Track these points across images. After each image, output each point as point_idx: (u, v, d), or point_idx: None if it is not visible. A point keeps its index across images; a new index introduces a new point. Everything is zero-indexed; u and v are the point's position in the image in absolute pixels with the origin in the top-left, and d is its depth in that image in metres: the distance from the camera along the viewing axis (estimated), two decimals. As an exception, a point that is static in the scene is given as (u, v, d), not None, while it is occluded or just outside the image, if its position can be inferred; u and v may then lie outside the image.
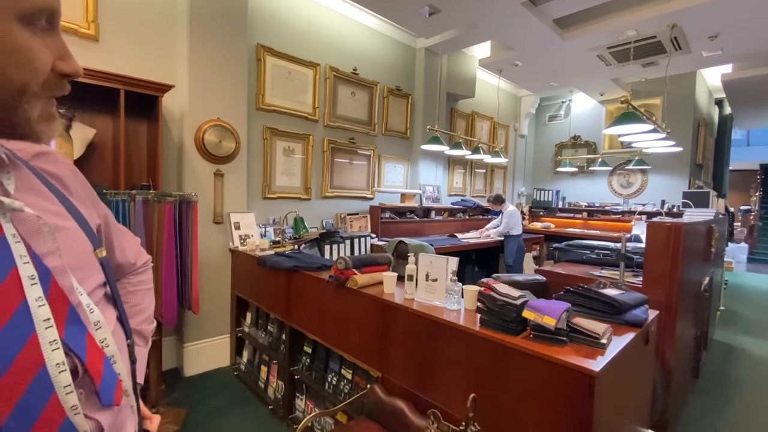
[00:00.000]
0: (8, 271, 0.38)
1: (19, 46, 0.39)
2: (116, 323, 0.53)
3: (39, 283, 0.40)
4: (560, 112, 6.76)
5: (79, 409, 0.40)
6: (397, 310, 1.52)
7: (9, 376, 0.36)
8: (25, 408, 0.36)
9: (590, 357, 1.04)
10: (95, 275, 0.51)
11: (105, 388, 0.45)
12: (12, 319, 0.37)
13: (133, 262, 0.71)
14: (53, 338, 0.40)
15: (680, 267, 2.07)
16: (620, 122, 2.69)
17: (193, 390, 2.54)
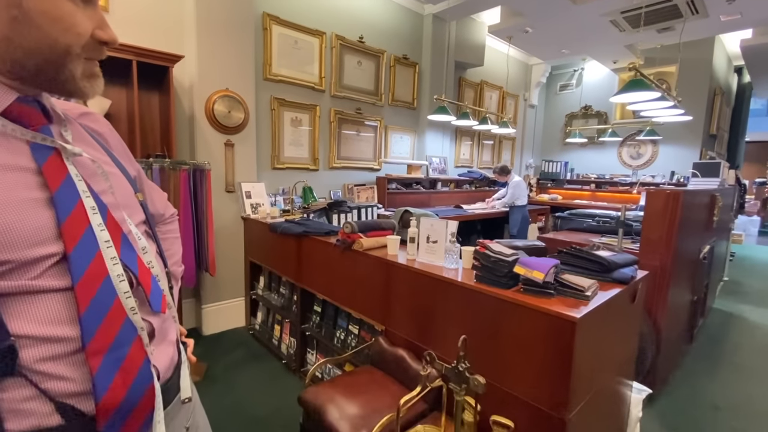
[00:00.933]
0: (75, 202, 0.48)
1: (64, 14, 0.46)
2: (156, 255, 0.63)
3: (99, 213, 0.50)
4: (572, 81, 6.61)
5: (136, 310, 0.51)
6: (400, 269, 1.63)
7: (84, 279, 0.46)
8: (97, 304, 0.47)
9: (574, 307, 1.13)
10: (138, 213, 0.61)
11: (154, 298, 0.56)
12: (82, 239, 0.47)
13: (162, 212, 0.82)
14: (113, 255, 0.50)
15: (677, 233, 2.13)
16: (628, 90, 2.67)
17: (211, 347, 2.74)
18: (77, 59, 0.49)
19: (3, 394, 0.42)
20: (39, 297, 0.44)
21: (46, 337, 0.44)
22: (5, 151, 0.45)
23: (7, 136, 0.46)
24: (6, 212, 0.42)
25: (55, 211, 0.46)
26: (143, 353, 0.51)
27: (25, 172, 0.46)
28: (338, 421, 1.27)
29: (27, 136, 0.47)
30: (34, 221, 0.44)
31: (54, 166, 0.48)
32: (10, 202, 0.43)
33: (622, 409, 1.66)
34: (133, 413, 0.49)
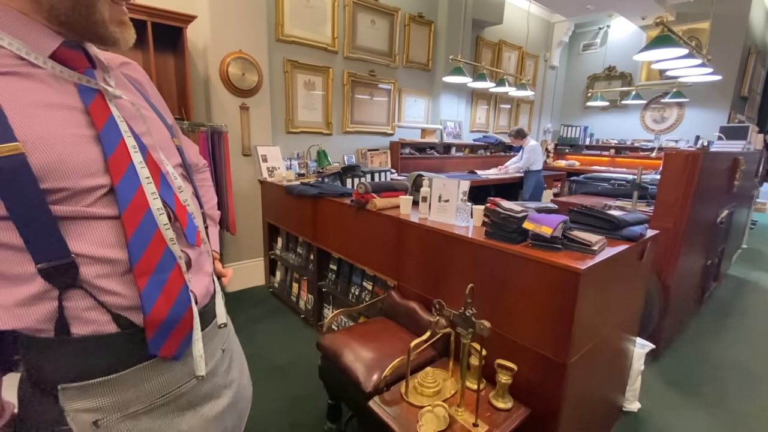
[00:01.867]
0: (119, 140, 0.54)
1: None
2: (192, 195, 0.69)
3: (139, 152, 0.56)
4: (596, 40, 6.28)
5: (175, 241, 0.57)
6: (412, 227, 1.69)
7: (129, 210, 0.53)
8: (141, 233, 0.53)
9: (580, 260, 1.17)
10: (174, 156, 0.67)
11: (189, 232, 0.62)
12: (126, 173, 0.53)
13: (196, 162, 0.88)
14: (153, 191, 0.56)
15: (693, 196, 2.11)
16: (654, 46, 2.55)
17: (234, 302, 2.91)
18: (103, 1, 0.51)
19: (68, 302, 0.49)
20: (93, 222, 0.51)
21: (101, 258, 0.51)
22: (56, 92, 0.50)
23: (56, 77, 0.51)
24: (60, 145, 0.48)
25: (101, 147, 0.52)
26: (182, 279, 0.58)
27: (73, 110, 0.51)
28: (353, 363, 1.37)
29: (74, 78, 0.52)
30: (85, 155, 0.50)
31: (99, 106, 0.53)
32: (63, 136, 0.49)
33: (624, 361, 1.73)
34: (175, 329, 0.57)
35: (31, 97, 0.48)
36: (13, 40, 0.47)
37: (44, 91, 0.49)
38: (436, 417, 1.12)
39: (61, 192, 0.48)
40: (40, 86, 0.49)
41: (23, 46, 0.48)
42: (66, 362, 0.51)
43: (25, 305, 0.47)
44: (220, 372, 0.71)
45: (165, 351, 0.57)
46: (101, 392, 0.53)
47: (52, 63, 0.50)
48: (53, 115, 0.49)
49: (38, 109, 0.48)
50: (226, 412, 0.71)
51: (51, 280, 0.47)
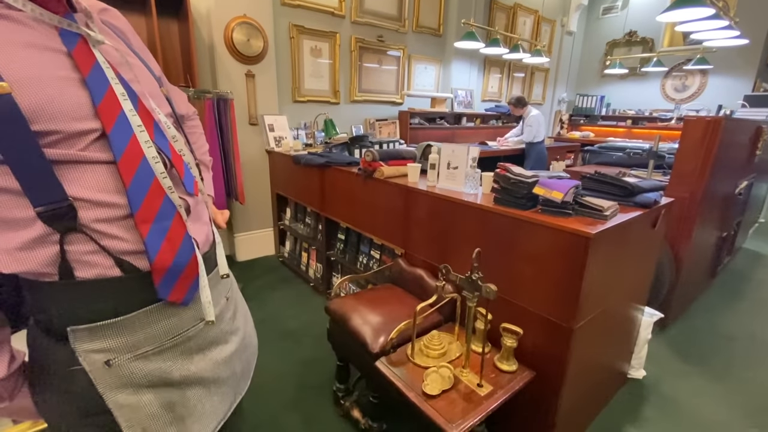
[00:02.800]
0: (106, 87, 0.52)
1: None
2: (185, 144, 0.68)
3: (129, 99, 0.54)
4: (617, 2, 5.93)
5: (173, 189, 0.57)
6: (420, 195, 1.67)
7: (124, 157, 0.52)
8: (139, 180, 0.53)
9: (591, 225, 1.15)
10: (165, 105, 0.65)
11: (187, 180, 0.62)
12: (117, 121, 0.52)
13: (186, 112, 0.86)
14: (146, 139, 0.55)
15: (712, 165, 2.04)
16: (678, 5, 2.39)
17: (245, 271, 2.96)
18: None
19: (69, 246, 0.50)
20: (88, 167, 0.50)
21: (99, 201, 0.51)
22: (39, 34, 0.49)
23: (37, 20, 0.49)
24: (47, 86, 0.47)
25: (89, 92, 0.50)
26: (183, 226, 0.58)
27: (58, 53, 0.50)
28: (361, 326, 1.40)
29: (54, 21, 0.50)
30: (73, 98, 0.49)
31: (82, 51, 0.51)
32: (50, 77, 0.48)
33: (631, 329, 1.73)
34: (182, 275, 0.58)
35: (14, 37, 0.46)
36: None
37: (26, 32, 0.48)
38: (441, 377, 1.14)
39: (52, 135, 0.47)
40: (21, 27, 0.48)
41: None
42: (73, 305, 0.52)
43: (27, 249, 0.48)
44: (226, 318, 0.73)
45: (174, 296, 0.58)
46: (110, 333, 0.55)
47: (32, 6, 0.48)
48: (38, 56, 0.48)
49: (22, 49, 0.47)
50: (234, 356, 0.73)
51: (51, 224, 0.48)
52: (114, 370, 0.55)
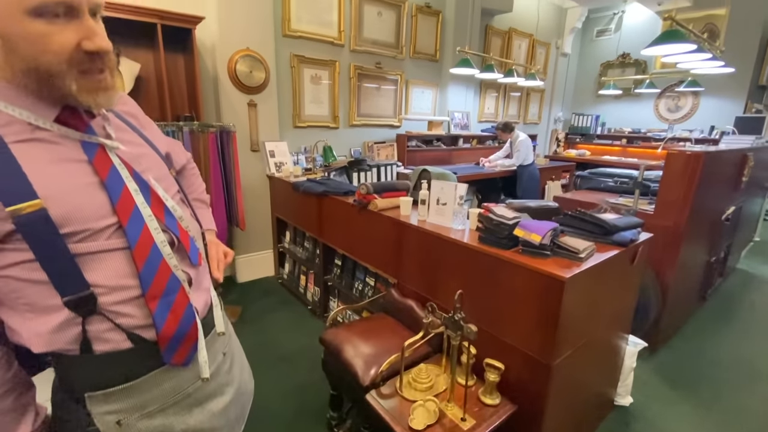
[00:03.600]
0: (122, 187, 0.62)
1: (37, 36, 0.51)
2: (191, 217, 0.78)
3: (141, 193, 0.64)
4: (610, 26, 6.10)
5: (178, 267, 0.66)
6: (411, 229, 1.75)
7: (138, 246, 0.61)
8: (150, 264, 0.62)
9: (566, 267, 1.23)
10: (173, 186, 0.75)
11: (192, 254, 0.71)
12: (131, 216, 0.62)
13: (185, 161, 0.97)
14: (155, 226, 0.64)
15: (694, 196, 2.12)
16: (662, 41, 2.50)
17: (245, 293, 3.04)
18: (66, 75, 0.54)
19: (89, 326, 0.59)
20: (107, 255, 0.59)
21: (116, 286, 0.60)
22: (65, 149, 0.59)
23: (64, 137, 0.59)
24: (74, 196, 0.57)
25: (107, 193, 0.60)
26: (187, 298, 0.67)
27: (81, 163, 0.59)
28: (353, 358, 1.47)
29: (77, 137, 0.60)
30: (95, 201, 0.59)
31: (101, 158, 0.61)
32: (76, 186, 0.58)
33: (615, 358, 1.80)
34: (183, 341, 0.66)
35: (45, 155, 0.56)
36: (22, 110, 0.55)
37: (55, 150, 0.57)
38: (427, 411, 1.21)
39: (77, 234, 0.56)
40: (50, 146, 0.57)
41: (31, 115, 0.56)
42: (90, 374, 0.61)
43: (56, 332, 0.57)
44: (222, 372, 0.81)
45: (176, 359, 0.66)
46: (121, 397, 0.63)
47: (58, 126, 0.58)
48: (65, 169, 0.57)
49: (53, 166, 0.56)
50: (230, 406, 0.81)
51: (75, 310, 0.57)
52: (124, 428, 0.63)
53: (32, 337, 0.57)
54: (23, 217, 0.52)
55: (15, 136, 0.55)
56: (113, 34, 1.99)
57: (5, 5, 0.49)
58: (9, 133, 0.54)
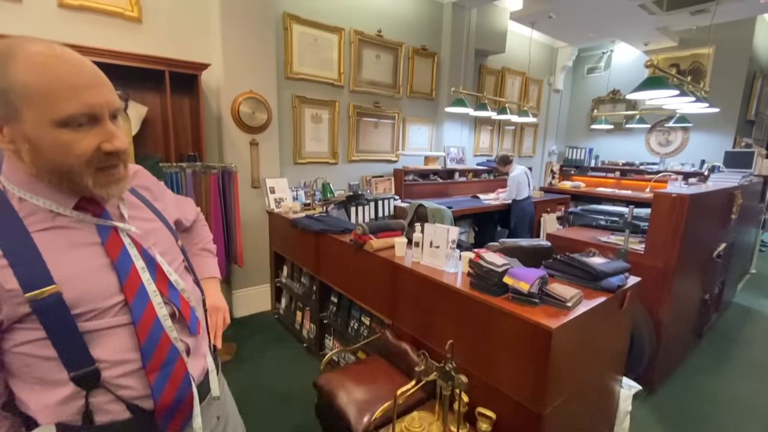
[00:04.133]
0: (130, 266, 0.67)
1: (63, 142, 0.58)
2: (194, 285, 0.82)
3: (147, 270, 0.69)
4: (600, 63, 6.37)
5: (178, 338, 0.70)
6: (406, 271, 1.79)
7: (141, 321, 0.66)
8: (151, 338, 0.67)
9: (554, 317, 1.26)
10: (178, 257, 0.81)
11: (192, 324, 0.75)
12: (137, 294, 0.66)
13: (194, 216, 1.04)
14: (159, 301, 0.69)
15: (682, 237, 2.17)
16: (645, 87, 2.64)
17: (241, 329, 3.03)
18: (84, 173, 0.60)
19: (92, 399, 0.63)
20: (112, 331, 0.64)
21: (118, 361, 0.64)
22: (81, 233, 0.65)
23: (81, 222, 0.65)
24: (86, 279, 0.62)
25: (116, 274, 0.65)
26: (184, 368, 0.71)
27: (95, 245, 0.65)
28: (347, 405, 1.47)
29: (93, 222, 0.66)
30: (105, 283, 0.64)
31: (113, 241, 0.67)
32: (92, 268, 0.63)
33: (610, 403, 1.79)
34: (180, 409, 0.70)
35: (64, 241, 0.62)
36: (45, 200, 0.62)
37: (71, 235, 0.64)
38: (419, 462, 1.21)
39: (87, 314, 0.61)
40: (69, 231, 0.63)
41: (53, 203, 0.62)
42: None
43: (62, 404, 0.61)
44: None
45: (172, 428, 0.69)
46: None
47: (76, 213, 0.64)
48: (80, 254, 0.63)
49: (69, 251, 0.62)
50: None
51: (80, 384, 0.61)
52: None
53: (40, 408, 0.61)
54: (40, 301, 0.57)
55: (38, 225, 0.61)
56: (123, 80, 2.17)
57: (36, 118, 0.56)
58: (33, 223, 0.61)
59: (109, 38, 2.51)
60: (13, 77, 0.55)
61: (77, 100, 0.57)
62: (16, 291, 0.56)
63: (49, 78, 0.56)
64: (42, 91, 0.55)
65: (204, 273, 0.99)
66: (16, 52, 0.56)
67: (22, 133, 0.57)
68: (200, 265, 1.00)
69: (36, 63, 0.56)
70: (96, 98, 0.59)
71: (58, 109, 0.56)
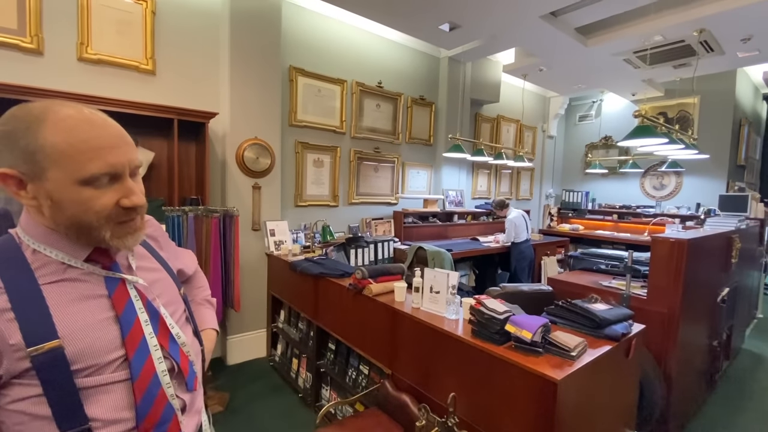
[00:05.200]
0: (134, 320, 0.67)
1: (84, 199, 0.60)
2: (193, 337, 0.81)
3: (150, 324, 0.69)
4: (591, 112, 6.65)
5: (174, 395, 0.68)
6: (405, 317, 1.76)
7: (140, 378, 0.65)
8: (148, 396, 0.65)
9: (558, 367, 1.23)
10: (180, 307, 0.80)
11: (189, 379, 0.73)
12: (138, 348, 0.66)
13: (195, 269, 1.04)
14: (159, 356, 0.68)
15: (684, 281, 2.15)
16: (635, 136, 2.74)
17: (234, 377, 2.92)
18: (103, 227, 0.62)
19: None
20: (109, 388, 0.62)
21: (112, 420, 0.62)
22: (89, 286, 0.65)
23: (91, 274, 0.66)
24: (90, 333, 0.62)
25: (119, 327, 0.65)
26: (178, 428, 0.69)
27: (101, 298, 0.65)
28: (343, 463, 1.39)
29: (102, 274, 0.67)
30: (108, 337, 0.63)
31: (120, 293, 0.67)
32: (96, 322, 0.63)
33: (623, 462, 1.68)
34: None
35: (72, 294, 0.62)
36: (58, 252, 0.63)
37: (80, 287, 0.64)
38: None
39: (86, 370, 0.60)
40: (77, 284, 0.64)
41: (65, 256, 0.64)
42: None
43: None
44: None
45: None
46: None
47: (87, 265, 0.65)
48: (86, 306, 0.63)
49: (76, 304, 0.62)
50: None
51: None
52: None
53: None
54: (41, 356, 0.56)
55: (48, 278, 0.61)
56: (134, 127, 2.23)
57: (61, 178, 0.59)
58: (44, 275, 0.61)
59: (123, 89, 2.64)
60: (43, 139, 0.57)
61: (101, 160, 0.60)
62: (19, 345, 0.56)
63: (76, 141, 0.58)
64: (68, 153, 0.58)
65: (203, 324, 0.98)
66: (47, 115, 0.58)
67: (45, 191, 0.59)
68: (201, 315, 0.99)
69: (65, 127, 0.59)
70: (118, 158, 0.62)
71: (82, 169, 0.59)
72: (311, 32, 3.57)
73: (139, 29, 2.70)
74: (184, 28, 2.89)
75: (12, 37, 2.31)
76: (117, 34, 2.63)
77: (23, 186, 0.60)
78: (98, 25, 2.55)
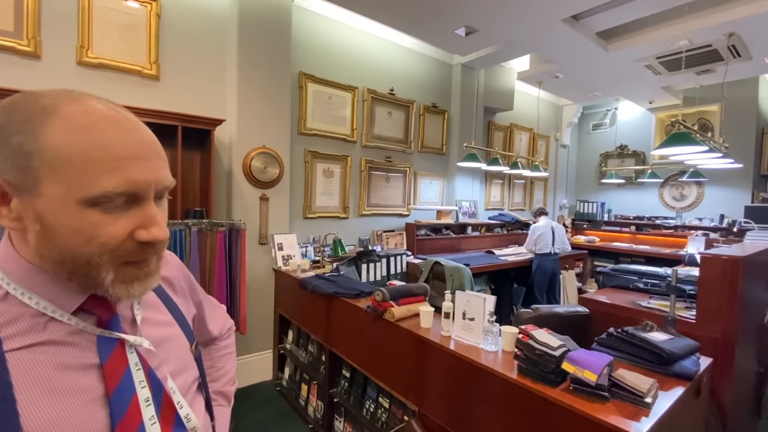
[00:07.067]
0: (131, 398, 0.47)
1: (86, 225, 0.43)
2: (205, 413, 0.62)
3: (152, 403, 0.49)
4: (605, 120, 6.47)
5: None
6: (435, 347, 1.55)
7: None
8: None
9: (634, 418, 1.02)
10: (192, 371, 0.60)
11: None
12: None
13: (221, 330, 0.82)
14: None
15: (738, 302, 1.94)
16: (671, 144, 2.55)
17: (238, 404, 2.69)
18: (105, 266, 0.45)
19: None
20: None
21: None
22: (77, 350, 0.46)
23: (79, 333, 0.47)
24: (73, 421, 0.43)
25: (109, 412, 0.45)
26: None
27: (91, 369, 0.46)
28: None
29: (95, 332, 0.48)
30: (94, 426, 0.44)
31: (115, 360, 0.48)
32: (77, 407, 0.44)
33: None
34: None
35: (47, 366, 0.44)
36: (40, 299, 0.45)
37: (63, 353, 0.45)
38: None
39: None
40: (59, 349, 0.45)
41: (49, 305, 0.45)
42: None
43: None
44: None
45: None
46: None
47: (76, 320, 0.46)
48: (67, 384, 0.44)
49: (51, 380, 0.43)
50: None
51: None
52: None
53: None
54: None
55: (17, 340, 0.43)
56: None
57: (59, 194, 0.41)
58: (12, 335, 0.43)
59: (125, 94, 2.49)
60: (45, 139, 0.41)
61: (120, 174, 0.43)
62: None
63: (90, 146, 0.42)
64: (77, 161, 0.41)
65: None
66: (59, 107, 0.42)
67: (35, 210, 0.42)
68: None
69: (80, 125, 0.42)
70: (144, 174, 0.45)
71: (92, 185, 0.42)
72: (322, 38, 3.43)
73: (143, 32, 2.56)
74: (190, 32, 2.75)
75: (8, 39, 2.16)
76: (119, 38, 2.48)
77: (6, 201, 0.43)
78: (100, 27, 2.41)
